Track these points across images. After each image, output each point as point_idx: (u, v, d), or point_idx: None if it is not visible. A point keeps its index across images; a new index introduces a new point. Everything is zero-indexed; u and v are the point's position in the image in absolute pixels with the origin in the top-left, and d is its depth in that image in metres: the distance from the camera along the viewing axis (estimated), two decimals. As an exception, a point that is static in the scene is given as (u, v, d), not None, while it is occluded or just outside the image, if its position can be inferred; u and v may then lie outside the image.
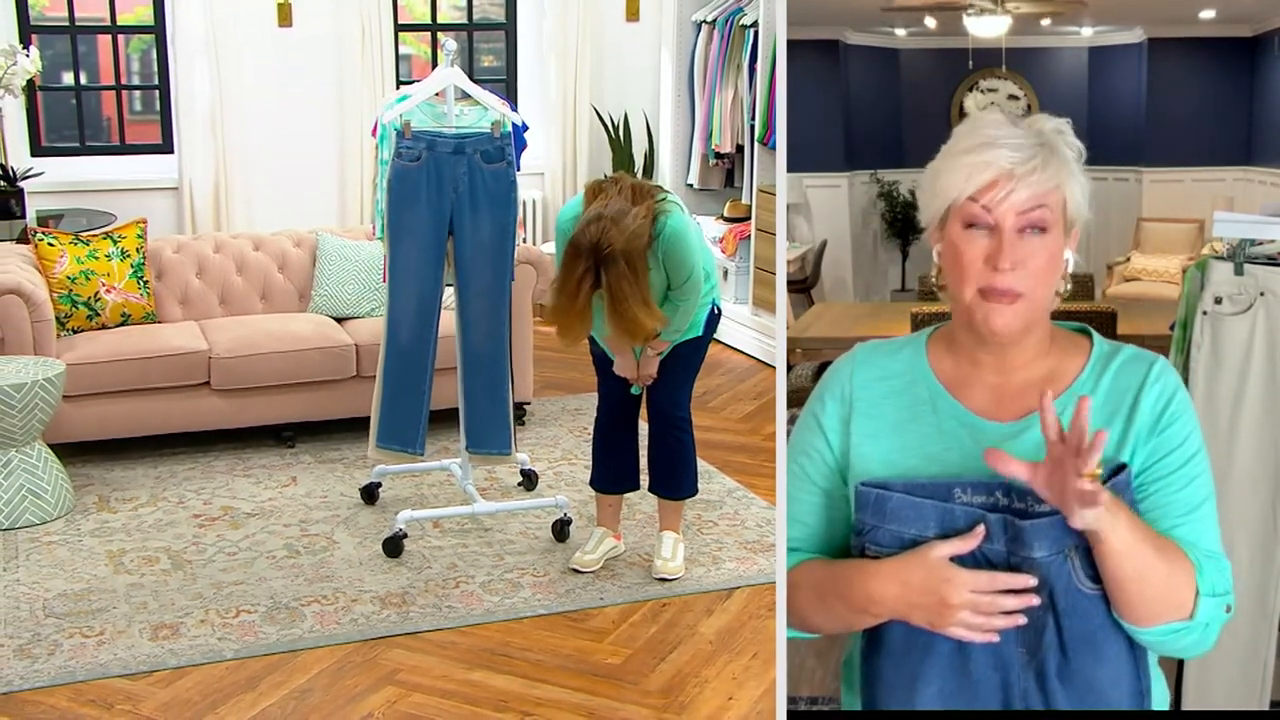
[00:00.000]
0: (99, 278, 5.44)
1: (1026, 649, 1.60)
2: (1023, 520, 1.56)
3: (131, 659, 3.76)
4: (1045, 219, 1.58)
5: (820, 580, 1.69)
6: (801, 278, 4.82)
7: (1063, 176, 1.59)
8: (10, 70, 6.38)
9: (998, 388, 1.65)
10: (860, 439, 1.68)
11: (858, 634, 1.74)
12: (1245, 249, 2.57)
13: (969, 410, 1.65)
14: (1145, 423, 1.61)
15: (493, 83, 7.78)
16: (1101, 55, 4.69)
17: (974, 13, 4.31)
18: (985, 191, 1.57)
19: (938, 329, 1.75)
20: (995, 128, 1.60)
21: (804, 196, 4.79)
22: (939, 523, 1.59)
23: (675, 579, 4.29)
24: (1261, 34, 4.29)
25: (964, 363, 1.67)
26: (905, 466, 1.64)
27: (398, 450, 4.57)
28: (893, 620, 1.63)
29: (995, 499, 1.59)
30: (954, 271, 1.63)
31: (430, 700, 3.59)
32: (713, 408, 6.17)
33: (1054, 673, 1.60)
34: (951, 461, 1.62)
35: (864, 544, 1.65)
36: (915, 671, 1.62)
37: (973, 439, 1.62)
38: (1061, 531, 1.55)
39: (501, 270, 4.47)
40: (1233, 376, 2.55)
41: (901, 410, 1.67)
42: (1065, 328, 1.71)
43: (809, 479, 1.73)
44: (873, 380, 1.70)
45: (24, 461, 4.69)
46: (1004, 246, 1.57)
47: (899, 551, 1.61)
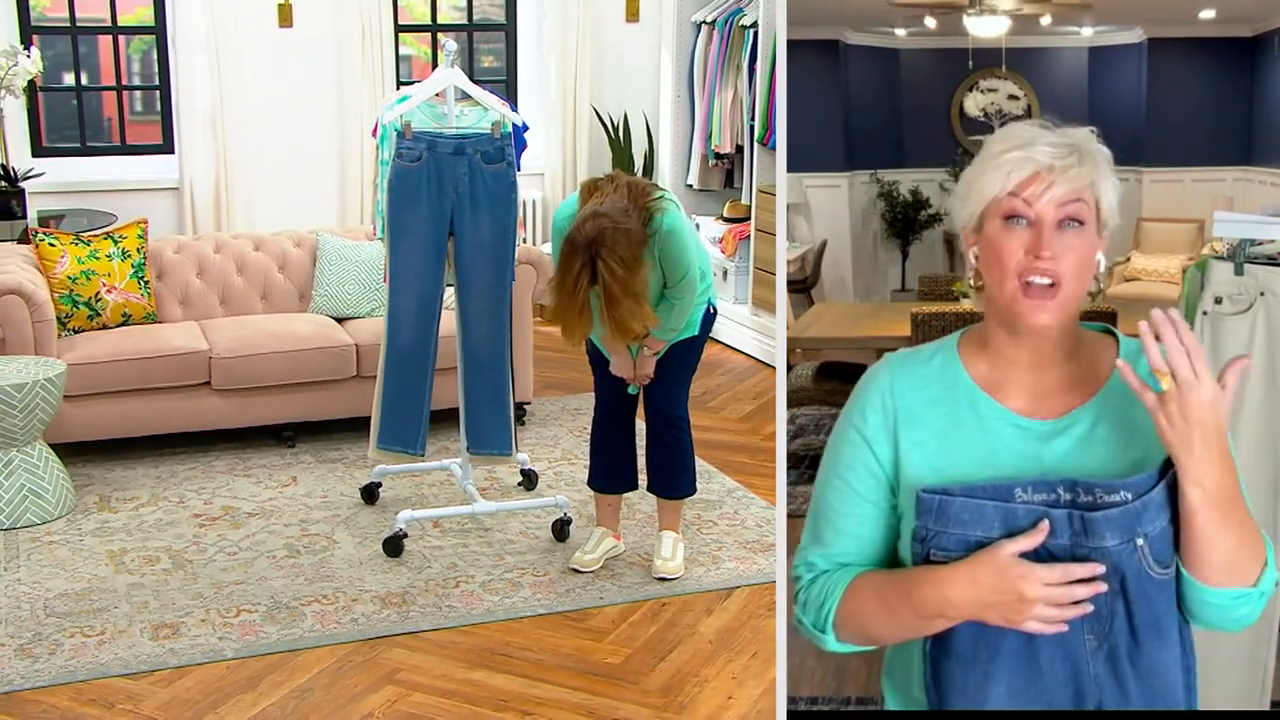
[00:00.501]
0: (100, 278, 5.45)
1: (1096, 635, 1.64)
2: (1092, 512, 1.60)
3: (132, 658, 3.76)
4: (1082, 212, 1.64)
5: (884, 590, 1.70)
6: (801, 278, 4.82)
7: (1097, 175, 1.65)
8: (11, 71, 6.38)
9: (1034, 387, 1.69)
10: (909, 448, 1.70)
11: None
12: (1245, 249, 2.57)
13: (1011, 410, 1.69)
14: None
15: (493, 83, 7.78)
16: (1101, 55, 4.69)
17: (974, 13, 4.32)
18: (1025, 186, 1.63)
19: (965, 333, 1.77)
20: (1031, 131, 1.67)
21: (804, 196, 4.79)
22: (1003, 523, 1.62)
23: (675, 578, 4.30)
24: (1261, 34, 4.29)
25: (999, 364, 1.71)
26: (956, 472, 1.67)
27: (399, 451, 4.58)
28: (958, 625, 1.66)
29: (1057, 495, 1.62)
30: (994, 266, 1.66)
31: (430, 700, 3.59)
32: (712, 408, 6.18)
33: (1125, 655, 1.64)
34: (1002, 463, 1.67)
35: (929, 550, 1.66)
36: (986, 670, 1.65)
37: (1019, 439, 1.67)
38: (1132, 519, 1.60)
39: (502, 270, 4.47)
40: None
41: (944, 417, 1.70)
42: (1089, 328, 1.76)
43: (856, 493, 1.74)
44: (911, 389, 1.72)
45: (25, 461, 4.70)
46: (1044, 237, 1.62)
47: (965, 554, 1.63)
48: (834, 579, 1.75)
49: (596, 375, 4.32)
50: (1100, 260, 1.68)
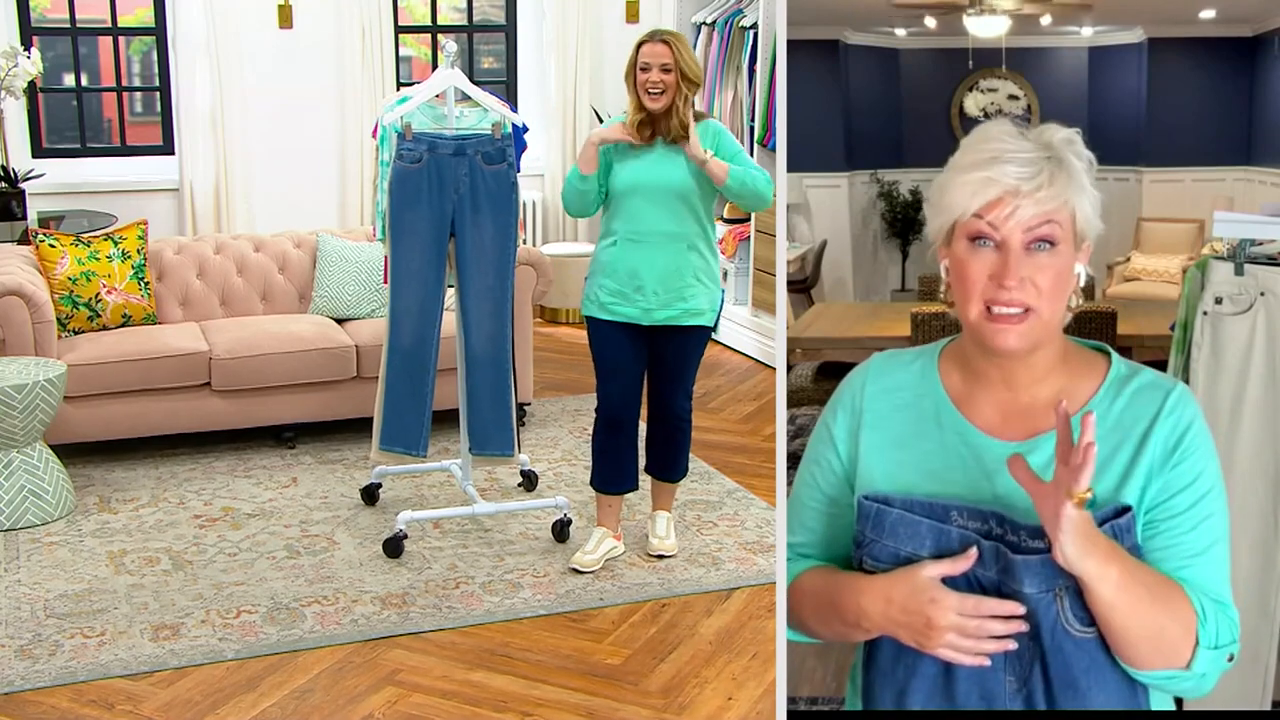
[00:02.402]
0: (100, 279, 5.45)
1: (1016, 678, 1.57)
2: (1015, 554, 1.53)
3: (132, 659, 3.76)
4: (1053, 234, 1.54)
5: (818, 590, 1.68)
6: (801, 278, 4.82)
7: (1071, 192, 1.54)
8: (11, 72, 6.39)
9: (1005, 405, 1.61)
10: (866, 450, 1.66)
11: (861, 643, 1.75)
12: (1245, 249, 2.57)
13: (975, 427, 1.61)
14: (1157, 456, 1.56)
15: (493, 84, 7.79)
16: (1101, 55, 4.69)
17: (974, 13, 4.32)
18: (990, 209, 1.53)
19: (952, 341, 1.71)
20: (1001, 140, 1.55)
21: (804, 196, 4.79)
22: (934, 543, 1.57)
23: (672, 555, 4.36)
24: (1261, 34, 4.29)
25: (972, 378, 1.64)
26: (906, 482, 1.62)
27: (401, 452, 4.57)
28: (883, 636, 1.62)
29: (990, 526, 1.56)
30: (960, 287, 1.58)
31: (430, 700, 3.59)
32: (712, 409, 6.17)
33: (1042, 705, 1.56)
34: (952, 480, 1.60)
35: (862, 556, 1.63)
36: (902, 688, 1.61)
37: (974, 458, 1.60)
38: (1053, 570, 1.51)
39: (503, 271, 4.47)
40: (1233, 376, 2.55)
41: (908, 424, 1.64)
42: (1083, 345, 1.66)
43: (818, 487, 1.72)
44: (883, 393, 1.68)
45: (25, 462, 4.70)
46: (1010, 263, 1.53)
47: (893, 567, 1.59)
48: (791, 569, 1.73)
49: (599, 377, 4.32)
50: (1080, 273, 1.59)
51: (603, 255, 4.21)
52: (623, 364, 4.24)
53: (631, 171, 4.12)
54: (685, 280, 4.13)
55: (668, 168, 4.10)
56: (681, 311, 4.15)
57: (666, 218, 4.10)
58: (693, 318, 4.17)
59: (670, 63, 4.05)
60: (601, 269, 4.21)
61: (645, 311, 4.15)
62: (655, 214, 4.10)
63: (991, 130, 1.58)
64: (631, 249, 4.13)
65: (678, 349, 4.22)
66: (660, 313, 4.15)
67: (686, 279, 4.13)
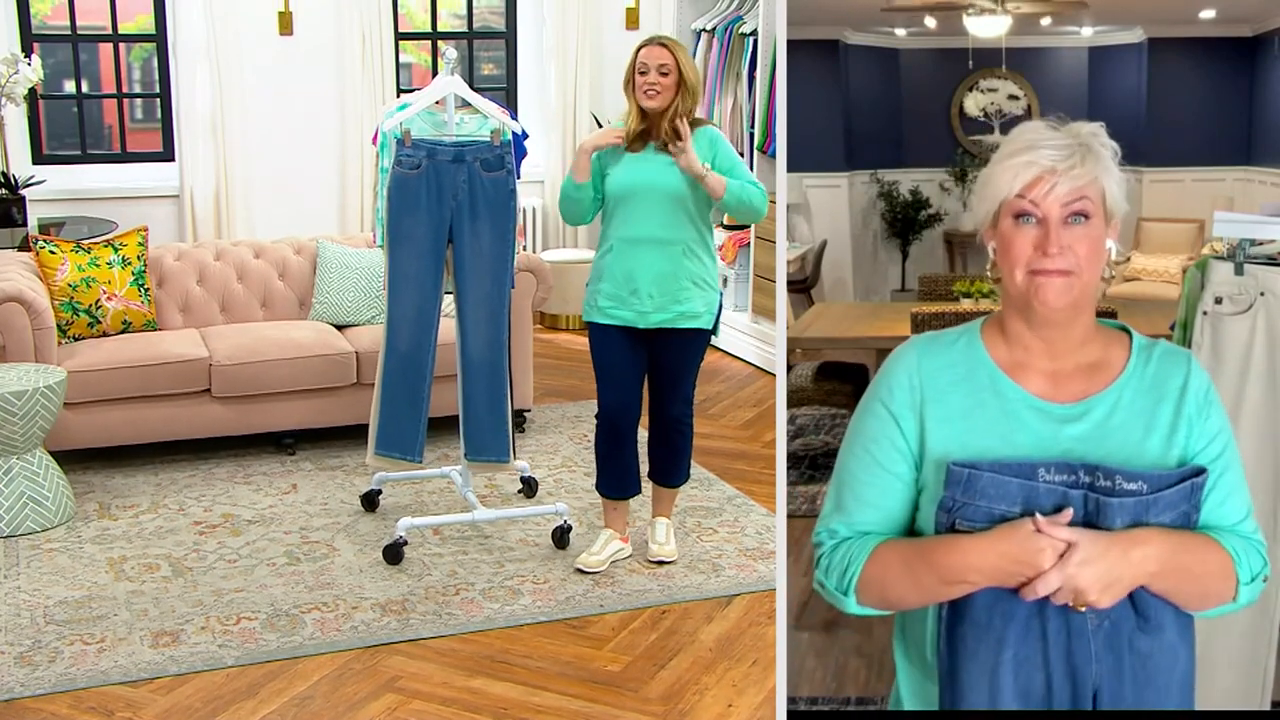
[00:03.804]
0: (100, 285, 5.44)
1: (1097, 614, 1.74)
2: (1108, 497, 1.73)
3: (132, 666, 3.75)
4: (1087, 208, 1.76)
5: (909, 557, 1.80)
6: (801, 278, 4.81)
7: (1099, 171, 1.76)
8: (12, 79, 6.39)
9: (1053, 373, 1.81)
10: (934, 424, 1.81)
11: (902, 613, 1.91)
12: (1245, 249, 2.56)
13: (1031, 394, 1.80)
14: (1193, 408, 1.79)
15: (493, 91, 7.79)
16: (1101, 55, 4.68)
17: (974, 13, 4.31)
18: (1031, 188, 1.75)
19: (988, 320, 1.87)
20: (1037, 132, 1.78)
21: (804, 196, 4.78)
22: (1025, 500, 1.73)
23: (672, 561, 4.36)
24: (1261, 34, 4.28)
25: (1018, 350, 1.82)
26: (979, 448, 1.78)
27: (396, 458, 4.56)
28: (977, 593, 1.77)
29: (1077, 477, 1.74)
30: (1007, 259, 1.79)
31: (430, 707, 3.57)
32: (712, 415, 6.16)
33: (1125, 636, 1.75)
34: (1020, 443, 1.78)
35: (954, 520, 1.77)
36: (1000, 636, 1.76)
37: (1038, 420, 1.78)
38: (1142, 510, 1.73)
39: (501, 278, 4.46)
40: (1233, 376, 2.54)
41: (968, 396, 1.81)
42: (1104, 324, 1.86)
43: (880, 465, 1.84)
44: (938, 370, 1.83)
45: (25, 468, 4.69)
46: (1051, 234, 1.75)
47: (988, 526, 1.74)
48: (856, 546, 1.84)
49: (600, 385, 4.31)
50: (1111, 248, 1.80)
51: (600, 262, 4.22)
52: (622, 368, 4.24)
53: (626, 176, 4.12)
54: (681, 284, 4.12)
55: (662, 172, 4.09)
56: (677, 314, 4.14)
57: (661, 222, 4.09)
58: (689, 320, 4.16)
59: (669, 65, 4.05)
60: (599, 275, 4.21)
61: (641, 314, 4.14)
62: (650, 218, 4.09)
63: (1028, 126, 1.81)
64: (627, 253, 4.13)
65: (676, 352, 4.21)
66: (656, 315, 4.14)
67: (682, 282, 4.12)
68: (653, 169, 4.09)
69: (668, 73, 4.05)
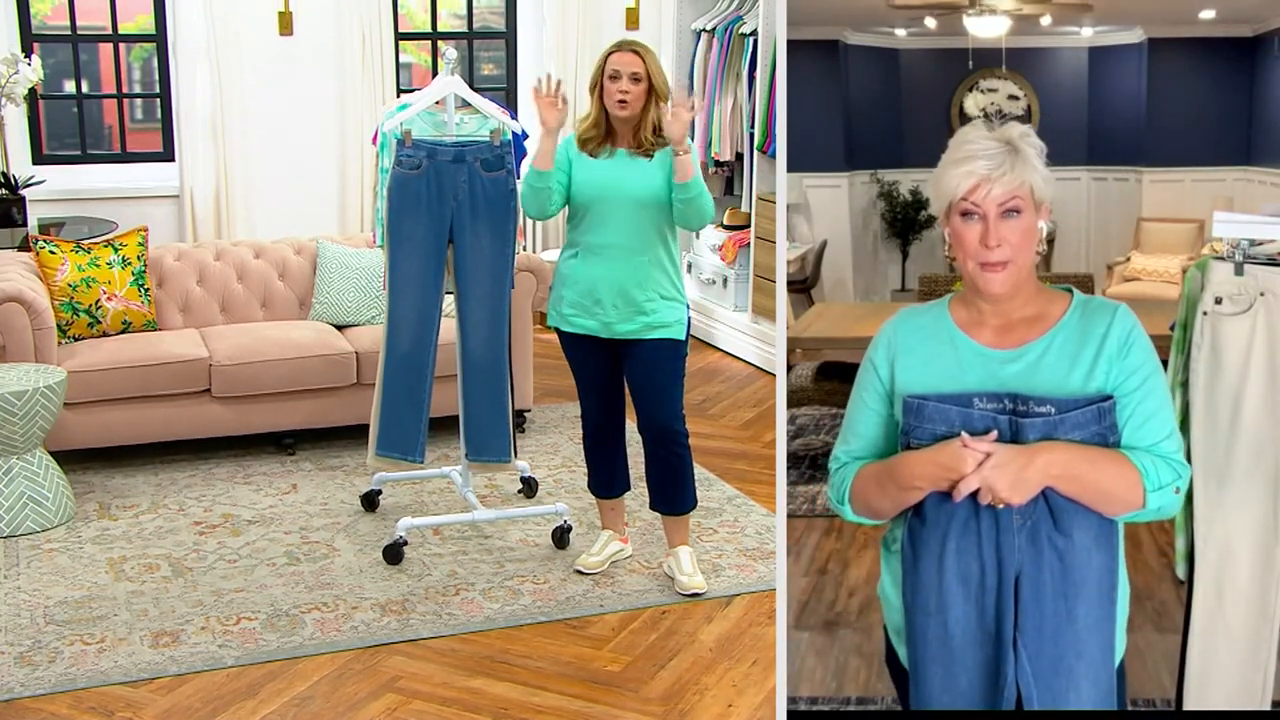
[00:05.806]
0: (100, 285, 5.44)
1: (1020, 514, 2.14)
2: (1023, 419, 2.15)
3: (132, 666, 3.75)
4: (1019, 204, 2.15)
5: (879, 472, 2.26)
6: (801, 278, 4.80)
7: (1027, 173, 2.15)
8: (12, 79, 6.39)
9: (998, 327, 2.22)
10: (901, 370, 2.25)
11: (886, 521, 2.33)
12: (1245, 249, 2.55)
13: (978, 343, 2.22)
14: (1113, 349, 2.16)
15: (493, 91, 7.79)
16: (1101, 55, 4.66)
17: (974, 13, 4.30)
18: (972, 192, 2.15)
19: (954, 295, 2.28)
20: (974, 142, 2.15)
21: (804, 196, 4.77)
22: (962, 423, 2.16)
23: (703, 592, 4.24)
24: (1261, 34, 4.27)
25: (973, 311, 2.24)
26: (934, 384, 2.21)
27: (397, 458, 4.56)
28: (928, 498, 2.19)
29: (1003, 404, 2.17)
30: (959, 249, 2.20)
31: (430, 707, 3.58)
32: (712, 415, 6.16)
33: (1044, 534, 2.15)
34: (968, 381, 2.20)
35: (909, 440, 2.21)
36: (944, 531, 2.18)
37: (982, 363, 2.21)
38: (1050, 428, 2.14)
39: (501, 278, 4.46)
40: (1233, 376, 2.54)
41: (930, 348, 2.24)
42: (1053, 288, 2.25)
43: (867, 405, 2.30)
44: (909, 331, 2.27)
45: (25, 469, 4.69)
46: (990, 229, 2.15)
47: (933, 444, 2.17)
48: (850, 467, 2.32)
49: (580, 389, 4.29)
50: (1043, 227, 2.19)
51: (563, 266, 4.14)
52: (594, 375, 4.21)
53: (593, 181, 4.04)
54: (647, 295, 4.04)
55: (630, 178, 4.02)
56: (643, 325, 4.06)
57: (627, 231, 4.02)
58: (657, 331, 4.07)
59: (640, 72, 3.99)
60: (562, 280, 4.15)
61: (605, 325, 4.08)
62: (616, 226, 4.02)
63: (968, 133, 2.18)
64: (592, 261, 4.05)
65: (648, 364, 4.11)
66: (620, 326, 4.07)
67: (648, 293, 4.05)
68: (621, 175, 4.03)
69: (640, 80, 3.99)
